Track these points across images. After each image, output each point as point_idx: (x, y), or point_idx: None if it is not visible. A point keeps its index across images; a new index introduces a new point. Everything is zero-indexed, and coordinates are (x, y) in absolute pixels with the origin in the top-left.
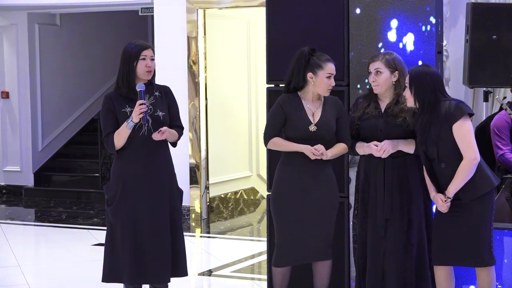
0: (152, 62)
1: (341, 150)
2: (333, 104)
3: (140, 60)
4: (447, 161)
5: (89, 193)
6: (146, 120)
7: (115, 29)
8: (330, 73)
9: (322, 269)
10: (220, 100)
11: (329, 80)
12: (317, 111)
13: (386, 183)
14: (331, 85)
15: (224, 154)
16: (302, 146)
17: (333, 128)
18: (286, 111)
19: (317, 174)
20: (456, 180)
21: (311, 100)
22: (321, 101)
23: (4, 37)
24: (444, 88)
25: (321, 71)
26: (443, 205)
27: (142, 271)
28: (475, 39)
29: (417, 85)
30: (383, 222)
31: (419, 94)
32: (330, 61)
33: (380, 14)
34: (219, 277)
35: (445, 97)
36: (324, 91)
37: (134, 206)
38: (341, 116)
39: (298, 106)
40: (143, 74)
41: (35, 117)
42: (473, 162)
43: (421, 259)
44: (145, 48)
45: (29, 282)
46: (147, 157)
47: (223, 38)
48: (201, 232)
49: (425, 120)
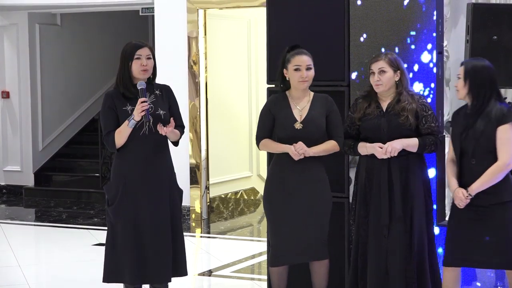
0: (149, 60)
1: (329, 147)
2: (322, 101)
3: (134, 59)
4: (479, 158)
5: (89, 193)
6: (148, 118)
7: (116, 29)
8: (297, 64)
9: (319, 268)
10: (220, 100)
11: (297, 72)
12: (305, 109)
13: (390, 182)
14: (302, 77)
15: (225, 154)
16: (286, 146)
17: (322, 126)
18: (273, 112)
19: (306, 174)
20: (483, 179)
21: (297, 98)
22: (309, 98)
23: (5, 37)
24: (498, 86)
25: (289, 64)
26: (462, 200)
27: (142, 271)
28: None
29: (474, 78)
30: (387, 222)
31: (475, 87)
32: (301, 54)
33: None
34: (219, 277)
35: (498, 96)
36: (296, 84)
37: (135, 206)
38: (331, 113)
39: (285, 105)
40: (138, 73)
41: (36, 117)
42: (505, 167)
43: (421, 258)
44: (140, 47)
45: (29, 282)
46: (148, 157)
47: (224, 38)
48: (201, 232)
49: (473, 114)
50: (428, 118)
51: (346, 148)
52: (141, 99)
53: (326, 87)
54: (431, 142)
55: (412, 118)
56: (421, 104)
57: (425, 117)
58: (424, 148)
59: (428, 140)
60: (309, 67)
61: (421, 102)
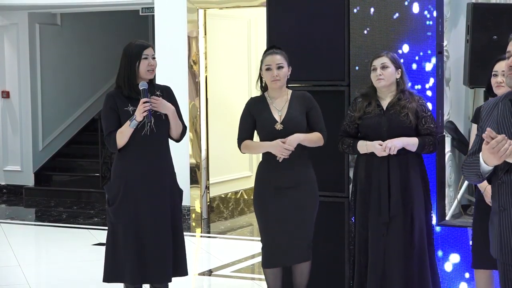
0: (154, 60)
1: (315, 138)
2: (301, 99)
3: (142, 59)
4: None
5: (89, 193)
6: (150, 118)
7: (116, 29)
8: (267, 64)
9: (301, 269)
10: (220, 100)
11: (269, 72)
12: (283, 109)
13: (391, 181)
14: (273, 76)
15: (225, 154)
16: (268, 145)
17: (302, 123)
18: (253, 113)
19: (292, 174)
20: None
21: (275, 98)
22: (287, 97)
23: (5, 37)
24: None
25: (262, 65)
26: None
27: (142, 271)
28: (476, 39)
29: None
30: (387, 220)
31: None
32: (272, 54)
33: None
34: (219, 277)
35: None
36: (269, 84)
37: (136, 206)
38: (311, 110)
39: (264, 107)
40: (145, 73)
41: (36, 117)
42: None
43: (421, 257)
44: (146, 47)
45: (30, 282)
46: (149, 157)
47: (224, 38)
48: (202, 232)
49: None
50: (428, 119)
51: (345, 147)
52: (143, 100)
53: (326, 86)
54: (430, 142)
55: (412, 117)
56: (421, 105)
57: (424, 118)
58: (424, 147)
59: (428, 140)
60: (280, 65)
61: (421, 102)
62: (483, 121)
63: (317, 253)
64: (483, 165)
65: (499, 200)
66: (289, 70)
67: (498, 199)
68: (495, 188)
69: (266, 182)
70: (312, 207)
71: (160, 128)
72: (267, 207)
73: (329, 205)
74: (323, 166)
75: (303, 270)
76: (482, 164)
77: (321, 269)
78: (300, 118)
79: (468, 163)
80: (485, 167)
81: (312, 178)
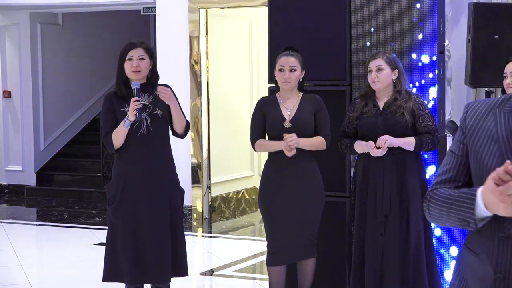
0: (141, 61)
1: (318, 142)
2: (311, 100)
3: (126, 60)
4: None
5: (91, 193)
6: (140, 117)
7: (117, 29)
8: (280, 65)
9: (306, 267)
10: (222, 99)
11: (281, 73)
12: (293, 108)
13: (385, 180)
14: (284, 78)
15: (226, 154)
16: (280, 143)
17: (310, 124)
18: (263, 112)
19: (298, 171)
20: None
21: (286, 98)
22: (298, 98)
23: (6, 37)
24: None
25: (276, 65)
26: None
27: (142, 271)
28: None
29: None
30: (383, 219)
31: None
32: (287, 55)
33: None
34: (220, 277)
35: None
36: (280, 84)
37: (135, 206)
38: (319, 112)
39: (274, 105)
40: (130, 74)
41: (37, 117)
42: None
43: (418, 255)
44: (132, 48)
45: (31, 282)
46: (147, 157)
47: (225, 38)
48: (203, 232)
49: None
50: (425, 117)
51: (343, 147)
52: (134, 99)
53: (328, 86)
54: (428, 140)
55: (408, 116)
56: (418, 103)
57: (421, 116)
58: (421, 146)
59: (425, 139)
60: (293, 68)
61: (418, 101)
62: (469, 132)
63: (319, 253)
64: (482, 209)
65: (497, 263)
66: (302, 73)
67: (496, 261)
68: (489, 243)
69: (271, 179)
70: (318, 203)
71: (157, 128)
72: (273, 204)
73: (330, 204)
74: (325, 166)
75: (307, 269)
76: (479, 207)
77: (323, 269)
78: (309, 118)
79: (444, 197)
80: (483, 212)
81: (317, 174)
